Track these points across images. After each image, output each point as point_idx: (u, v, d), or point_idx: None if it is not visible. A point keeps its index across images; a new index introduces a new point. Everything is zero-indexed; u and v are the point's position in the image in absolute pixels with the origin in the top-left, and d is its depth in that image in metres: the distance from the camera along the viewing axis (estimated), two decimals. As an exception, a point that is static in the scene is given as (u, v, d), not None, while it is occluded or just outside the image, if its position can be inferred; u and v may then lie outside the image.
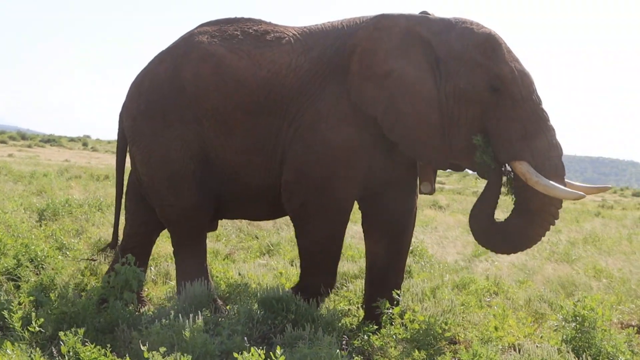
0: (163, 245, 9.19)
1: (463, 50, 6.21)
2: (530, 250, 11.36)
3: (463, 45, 6.22)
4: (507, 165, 6.20)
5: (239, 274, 8.25)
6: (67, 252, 8.46)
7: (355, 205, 6.84)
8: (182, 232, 6.93)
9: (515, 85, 6.11)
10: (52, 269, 7.47)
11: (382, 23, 6.42)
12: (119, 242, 7.40)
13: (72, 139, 47.48)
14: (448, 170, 6.87)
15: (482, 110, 6.17)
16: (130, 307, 6.29)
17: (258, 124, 6.52)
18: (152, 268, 8.02)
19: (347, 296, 7.71)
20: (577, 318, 6.15)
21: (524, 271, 9.49)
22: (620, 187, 48.39)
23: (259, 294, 6.54)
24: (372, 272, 6.93)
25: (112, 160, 34.34)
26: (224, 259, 9.41)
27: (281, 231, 10.14)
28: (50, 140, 47.43)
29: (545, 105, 6.20)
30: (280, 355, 4.63)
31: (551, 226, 6.30)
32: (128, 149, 7.02)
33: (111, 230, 7.68)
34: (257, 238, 11.28)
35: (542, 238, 6.41)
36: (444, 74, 6.24)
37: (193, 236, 6.97)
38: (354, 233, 11.58)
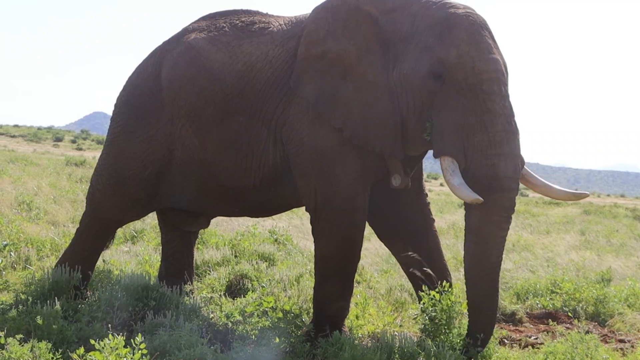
0: (26, 229, 9.01)
1: (412, 32, 5.62)
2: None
3: (413, 26, 5.62)
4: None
5: (103, 261, 8.13)
6: None
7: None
8: (99, 220, 6.74)
9: (460, 72, 5.39)
10: None
11: (330, 2, 5.95)
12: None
13: None
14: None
15: (430, 98, 5.53)
16: None
17: (233, 122, 6.07)
18: (12, 253, 7.82)
19: (211, 284, 7.69)
20: (435, 307, 6.21)
21: (387, 261, 9.65)
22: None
23: (122, 281, 6.48)
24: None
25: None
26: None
27: (146, 218, 9.99)
28: None
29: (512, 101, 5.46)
30: (141, 343, 4.60)
31: (508, 224, 5.55)
32: None
33: None
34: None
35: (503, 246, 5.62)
36: (392, 58, 5.69)
37: (106, 228, 6.85)
38: (220, 220, 11.60)
